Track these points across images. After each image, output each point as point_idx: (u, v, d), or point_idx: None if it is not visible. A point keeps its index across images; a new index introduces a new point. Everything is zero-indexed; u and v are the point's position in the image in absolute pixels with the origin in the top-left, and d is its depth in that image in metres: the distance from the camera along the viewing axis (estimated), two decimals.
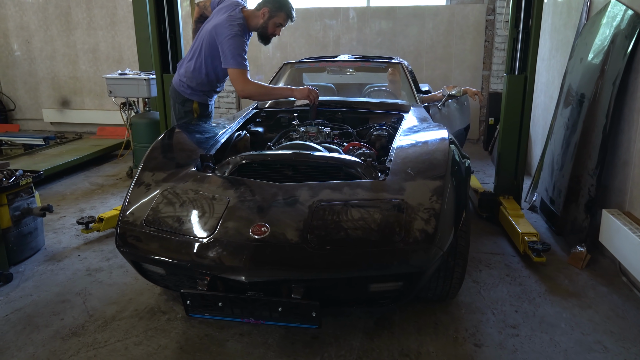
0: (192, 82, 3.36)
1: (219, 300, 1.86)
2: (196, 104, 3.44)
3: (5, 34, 8.07)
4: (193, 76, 3.34)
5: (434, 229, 1.97)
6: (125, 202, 2.27)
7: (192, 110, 3.44)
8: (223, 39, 3.11)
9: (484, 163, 5.81)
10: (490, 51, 6.77)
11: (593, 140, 3.11)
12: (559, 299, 2.69)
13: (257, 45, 7.28)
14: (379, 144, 3.03)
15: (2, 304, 2.67)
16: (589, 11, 3.72)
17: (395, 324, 2.45)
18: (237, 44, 3.09)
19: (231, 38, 3.09)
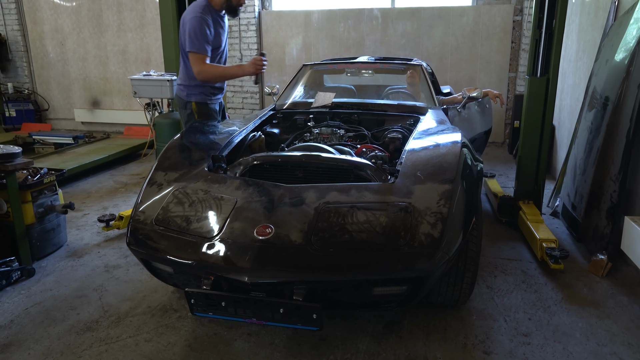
0: (185, 81, 3.43)
1: (222, 299, 1.88)
2: (194, 105, 3.45)
3: (40, 36, 8.37)
4: (183, 75, 3.43)
5: (441, 233, 1.94)
6: (138, 201, 2.32)
7: (192, 113, 3.47)
8: (185, 27, 3.20)
9: (508, 167, 5.69)
10: (517, 52, 6.63)
11: (616, 145, 3.01)
12: (575, 308, 2.62)
13: (282, 47, 7.44)
14: (392, 147, 3.01)
15: (24, 297, 2.77)
16: (617, 11, 3.60)
17: (404, 328, 2.42)
18: (194, 27, 3.13)
19: (190, 22, 3.16)
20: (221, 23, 3.39)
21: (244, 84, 7.61)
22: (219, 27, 3.34)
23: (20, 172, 3.16)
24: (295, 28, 7.27)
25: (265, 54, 3.32)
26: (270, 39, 7.41)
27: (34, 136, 6.59)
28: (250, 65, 3.26)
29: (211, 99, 3.52)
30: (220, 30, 3.38)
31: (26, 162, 3.02)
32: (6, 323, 2.51)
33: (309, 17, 7.18)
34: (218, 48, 3.39)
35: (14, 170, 2.94)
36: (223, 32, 3.42)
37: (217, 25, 3.31)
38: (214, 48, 3.33)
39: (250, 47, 7.42)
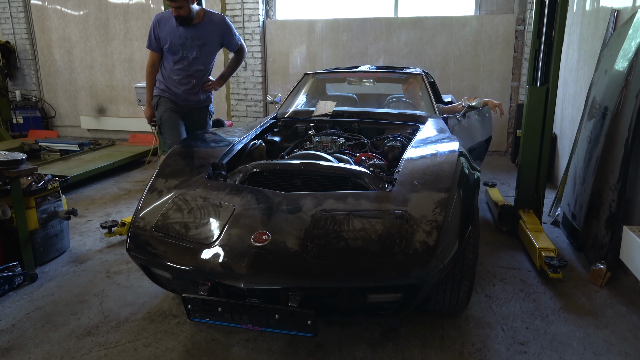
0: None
1: (218, 305, 1.90)
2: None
3: (48, 44, 8.49)
4: None
5: (436, 241, 1.96)
6: (138, 207, 2.36)
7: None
8: None
9: (510, 175, 5.69)
10: (519, 62, 6.66)
11: (615, 154, 3.02)
12: (573, 317, 2.62)
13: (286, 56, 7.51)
14: (391, 155, 3.03)
15: (26, 302, 2.80)
16: (616, 22, 3.62)
17: (401, 336, 2.43)
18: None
19: None
20: (180, 31, 3.55)
21: (247, 92, 7.67)
22: (175, 32, 3.55)
23: (25, 178, 3.21)
24: (299, 37, 7.34)
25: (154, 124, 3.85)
26: (274, 47, 7.48)
27: (40, 143, 6.67)
28: (145, 110, 3.89)
29: (169, 95, 3.72)
30: (179, 35, 3.55)
31: (30, 169, 3.06)
32: (8, 327, 2.54)
33: (313, 27, 7.24)
34: (176, 51, 3.59)
35: (18, 177, 2.99)
36: (182, 38, 3.57)
37: (174, 29, 3.55)
38: (169, 48, 3.59)
39: (254, 56, 7.49)
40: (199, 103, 3.84)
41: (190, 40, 3.57)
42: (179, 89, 3.70)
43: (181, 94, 3.72)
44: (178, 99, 3.73)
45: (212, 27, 3.62)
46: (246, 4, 7.28)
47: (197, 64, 3.67)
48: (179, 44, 3.57)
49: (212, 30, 3.62)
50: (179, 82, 3.68)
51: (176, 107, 3.74)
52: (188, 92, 3.73)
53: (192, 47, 3.59)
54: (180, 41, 3.56)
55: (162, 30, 3.57)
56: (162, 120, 3.74)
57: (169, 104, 3.72)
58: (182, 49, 3.58)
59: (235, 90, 7.74)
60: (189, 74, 3.67)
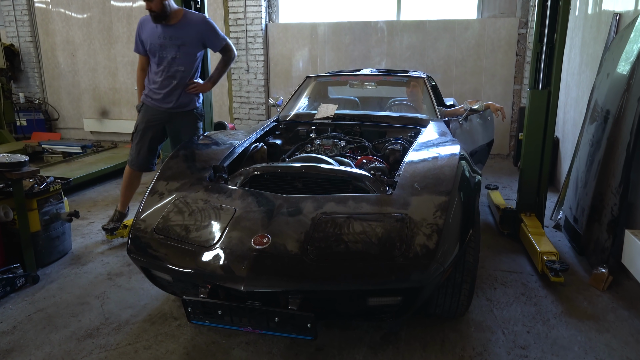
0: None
1: (218, 308, 1.90)
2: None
3: (52, 47, 8.53)
4: None
5: (436, 244, 1.96)
6: (139, 210, 2.37)
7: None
8: None
9: (513, 179, 5.68)
10: (522, 65, 6.66)
11: (617, 158, 3.01)
12: (575, 321, 2.61)
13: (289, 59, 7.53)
14: (392, 158, 3.03)
15: (27, 304, 2.81)
16: (618, 25, 3.62)
17: (402, 339, 2.43)
18: None
19: None
20: (159, 31, 3.53)
21: (250, 95, 7.69)
22: (154, 33, 3.53)
23: (27, 181, 3.22)
24: (301, 40, 7.36)
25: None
26: (276, 50, 7.50)
27: (43, 145, 6.69)
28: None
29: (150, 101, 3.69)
30: (158, 36, 3.52)
31: (32, 171, 3.08)
32: (9, 329, 2.55)
33: (315, 30, 7.26)
34: (155, 51, 3.57)
35: (20, 179, 3.00)
36: (161, 38, 3.53)
37: (153, 29, 3.54)
38: (150, 49, 3.58)
39: (257, 59, 7.51)
40: (181, 107, 3.69)
41: (169, 40, 3.51)
42: (159, 93, 3.62)
43: (162, 98, 3.63)
44: (159, 105, 3.65)
45: (191, 26, 3.54)
46: (249, 7, 7.31)
47: (176, 64, 3.57)
48: (157, 45, 3.52)
49: (191, 29, 3.54)
50: (160, 85, 3.60)
51: (156, 118, 3.68)
52: (169, 95, 3.62)
53: (170, 47, 3.53)
54: (159, 41, 3.51)
55: (144, 32, 3.56)
56: (136, 129, 3.72)
57: (148, 114, 3.68)
58: (160, 49, 3.53)
59: (237, 93, 7.76)
60: (169, 75, 3.58)
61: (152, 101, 3.66)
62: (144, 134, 3.69)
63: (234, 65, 7.63)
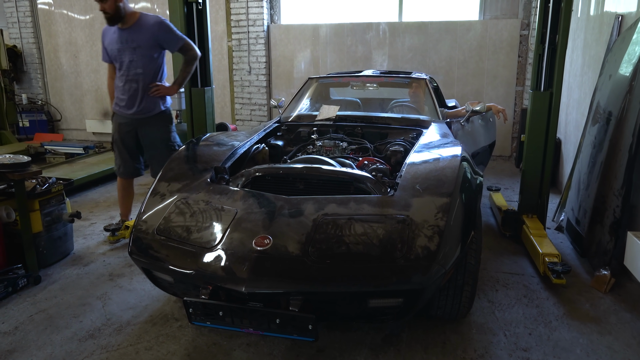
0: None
1: (219, 309, 1.90)
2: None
3: (55, 49, 8.56)
4: None
5: (437, 246, 1.95)
6: (141, 211, 2.37)
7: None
8: None
9: (514, 180, 5.67)
10: (524, 67, 6.65)
11: (619, 160, 3.01)
12: (577, 324, 2.60)
13: (290, 60, 7.53)
14: (394, 160, 3.03)
15: (29, 304, 2.81)
16: (620, 27, 3.61)
17: (403, 341, 2.42)
18: None
19: None
20: (116, 36, 3.54)
21: (252, 96, 7.70)
22: (113, 38, 3.56)
23: (29, 181, 3.22)
24: (303, 42, 7.36)
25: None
26: (278, 52, 7.51)
27: (46, 146, 6.70)
28: None
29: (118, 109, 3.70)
30: (115, 41, 3.54)
31: (34, 172, 3.08)
32: (11, 329, 2.55)
33: (317, 31, 7.27)
34: (115, 57, 3.58)
35: (22, 179, 3.01)
36: (118, 43, 3.54)
37: (112, 35, 3.57)
38: (110, 55, 3.61)
39: (259, 60, 7.52)
40: (146, 112, 3.63)
41: (125, 44, 3.52)
42: (123, 99, 3.62)
43: (125, 104, 3.62)
44: (125, 112, 3.64)
45: (145, 28, 3.51)
46: (251, 8, 7.32)
47: (134, 67, 3.54)
48: (116, 49, 3.54)
49: (146, 31, 3.51)
50: (123, 90, 3.60)
51: (126, 125, 3.68)
52: (132, 100, 3.59)
53: (127, 51, 3.53)
54: (117, 46, 3.53)
55: (106, 38, 3.59)
56: (113, 139, 3.78)
57: (118, 122, 3.70)
58: (118, 54, 3.55)
59: (239, 94, 7.76)
60: (129, 79, 3.56)
61: (119, 109, 3.67)
62: (121, 143, 3.73)
63: (235, 67, 7.64)
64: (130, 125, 3.67)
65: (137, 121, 3.65)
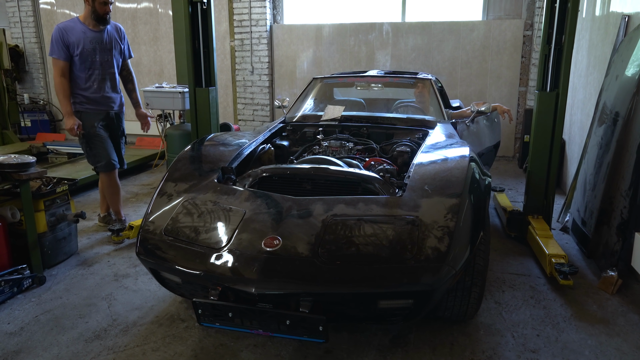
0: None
1: (229, 310, 1.89)
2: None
3: None
4: None
5: (447, 247, 1.94)
6: (148, 211, 2.36)
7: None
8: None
9: (518, 181, 5.66)
10: (527, 67, 6.64)
11: (626, 161, 3.00)
12: (585, 325, 2.59)
13: (293, 60, 7.51)
14: (401, 160, 3.02)
15: (34, 305, 2.80)
16: (627, 27, 3.60)
17: (411, 343, 2.41)
18: (52, 36, 3.56)
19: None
20: (89, 36, 3.61)
21: (254, 97, 7.69)
22: (85, 38, 3.59)
23: (34, 181, 3.21)
24: (306, 42, 7.35)
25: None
26: (281, 52, 7.50)
27: (48, 146, 6.69)
28: (68, 123, 3.65)
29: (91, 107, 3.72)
30: (86, 39, 3.59)
31: (40, 172, 3.07)
32: (16, 330, 2.54)
33: (320, 31, 7.26)
34: (87, 55, 3.61)
35: (28, 180, 3.00)
36: (94, 43, 3.62)
37: (82, 35, 3.59)
38: (81, 54, 3.58)
39: (261, 60, 7.51)
40: (117, 108, 3.89)
41: (101, 45, 3.66)
42: (97, 97, 3.71)
43: (103, 101, 3.74)
44: (101, 108, 3.76)
45: (114, 32, 3.77)
46: (254, 8, 7.31)
47: (109, 66, 3.74)
48: (90, 49, 3.61)
49: (116, 34, 3.79)
50: (96, 89, 3.70)
51: (101, 119, 3.77)
52: (109, 97, 3.77)
53: (103, 51, 3.68)
54: (92, 46, 3.62)
55: (71, 37, 3.56)
56: (90, 136, 3.76)
57: (92, 118, 3.73)
58: (93, 53, 3.63)
59: (242, 95, 7.75)
60: (103, 77, 3.71)
61: (90, 107, 3.70)
62: (102, 137, 3.78)
63: (238, 67, 7.63)
64: (107, 120, 3.81)
65: (111, 116, 3.84)
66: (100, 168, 3.85)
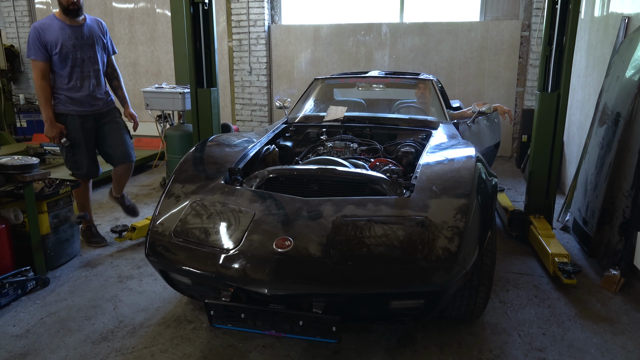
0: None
1: (241, 311, 1.89)
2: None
3: None
4: None
5: (457, 247, 1.96)
6: (156, 213, 2.35)
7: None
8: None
9: (516, 181, 5.70)
10: (524, 68, 6.68)
11: (629, 161, 3.03)
12: (589, 324, 2.61)
13: (291, 60, 7.52)
14: (406, 161, 3.03)
15: (39, 307, 2.79)
16: (627, 28, 3.63)
17: (418, 342, 2.43)
18: (29, 36, 3.34)
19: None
20: (68, 32, 3.36)
21: (252, 97, 7.68)
22: (63, 34, 3.34)
23: (36, 183, 3.20)
24: (304, 42, 7.36)
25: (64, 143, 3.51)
26: (279, 52, 7.50)
27: (46, 147, 6.64)
28: (50, 131, 3.48)
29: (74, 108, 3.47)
30: (65, 35, 3.34)
31: (43, 173, 3.06)
32: (22, 332, 2.53)
33: (318, 32, 7.26)
34: (68, 53, 3.36)
35: (31, 181, 2.98)
36: (72, 39, 3.37)
37: (60, 31, 3.33)
38: (60, 52, 3.33)
39: (259, 61, 7.51)
40: (108, 104, 3.63)
41: (81, 40, 3.41)
42: (80, 97, 3.45)
43: (86, 101, 3.47)
44: (85, 109, 3.48)
45: (94, 26, 3.51)
46: (251, 9, 7.31)
47: (92, 63, 3.48)
48: (70, 45, 3.35)
49: (96, 28, 3.52)
50: (79, 88, 3.44)
51: (87, 122, 3.51)
52: (93, 96, 3.50)
53: (85, 46, 3.43)
54: (71, 42, 3.36)
55: (48, 35, 3.30)
56: (74, 141, 3.51)
57: (78, 122, 3.48)
58: (73, 50, 3.37)
59: (240, 95, 7.75)
60: (85, 75, 3.46)
61: (74, 108, 3.45)
62: (85, 143, 3.53)
63: (236, 67, 7.62)
64: (92, 122, 3.54)
65: (99, 115, 3.57)
66: (79, 176, 3.59)
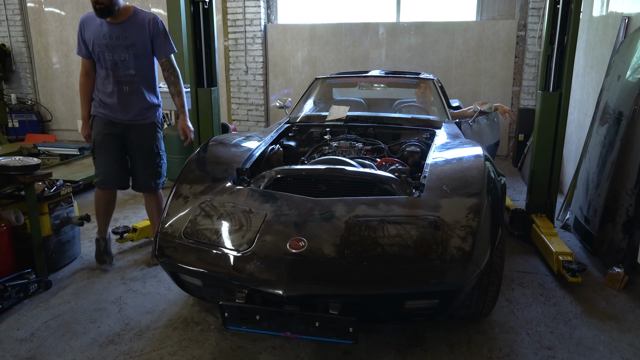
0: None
1: (256, 313, 1.88)
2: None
3: (45, 48, 8.39)
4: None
5: (471, 246, 1.96)
6: (164, 214, 2.32)
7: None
8: None
9: (514, 180, 5.73)
10: (520, 67, 6.72)
11: (631, 159, 3.05)
12: (596, 321, 2.63)
13: (288, 59, 7.49)
14: (411, 160, 3.03)
15: (42, 310, 2.75)
16: (627, 28, 3.66)
17: (428, 342, 2.43)
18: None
19: None
20: (104, 30, 3.07)
21: (249, 96, 7.65)
22: (99, 32, 3.07)
23: (37, 184, 3.15)
24: (300, 41, 7.34)
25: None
26: (275, 52, 7.47)
27: (39, 147, 6.56)
28: (81, 129, 3.33)
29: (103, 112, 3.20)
30: (100, 34, 3.07)
31: (45, 174, 3.02)
32: (27, 336, 2.49)
33: (315, 31, 7.25)
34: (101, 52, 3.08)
35: (33, 182, 2.94)
36: (106, 38, 3.07)
37: (98, 28, 3.08)
38: (94, 50, 3.09)
39: (256, 60, 7.47)
40: (143, 118, 3.22)
41: (116, 40, 3.06)
42: (111, 102, 3.15)
43: (117, 108, 3.15)
44: (114, 115, 3.17)
45: (140, 25, 3.11)
46: (247, 8, 7.27)
47: (125, 67, 3.11)
48: (103, 44, 3.06)
49: (141, 28, 3.10)
50: (110, 93, 3.14)
51: (113, 128, 3.19)
52: (125, 104, 3.15)
53: (118, 48, 3.07)
54: (105, 41, 3.05)
55: (87, 31, 3.08)
56: (95, 144, 3.22)
57: (102, 125, 3.18)
58: (107, 50, 3.07)
59: (236, 94, 7.71)
60: (118, 80, 3.12)
61: (103, 112, 3.18)
62: (108, 149, 3.20)
63: (232, 66, 7.58)
64: (119, 130, 3.20)
65: (127, 126, 3.21)
66: (96, 183, 3.30)
